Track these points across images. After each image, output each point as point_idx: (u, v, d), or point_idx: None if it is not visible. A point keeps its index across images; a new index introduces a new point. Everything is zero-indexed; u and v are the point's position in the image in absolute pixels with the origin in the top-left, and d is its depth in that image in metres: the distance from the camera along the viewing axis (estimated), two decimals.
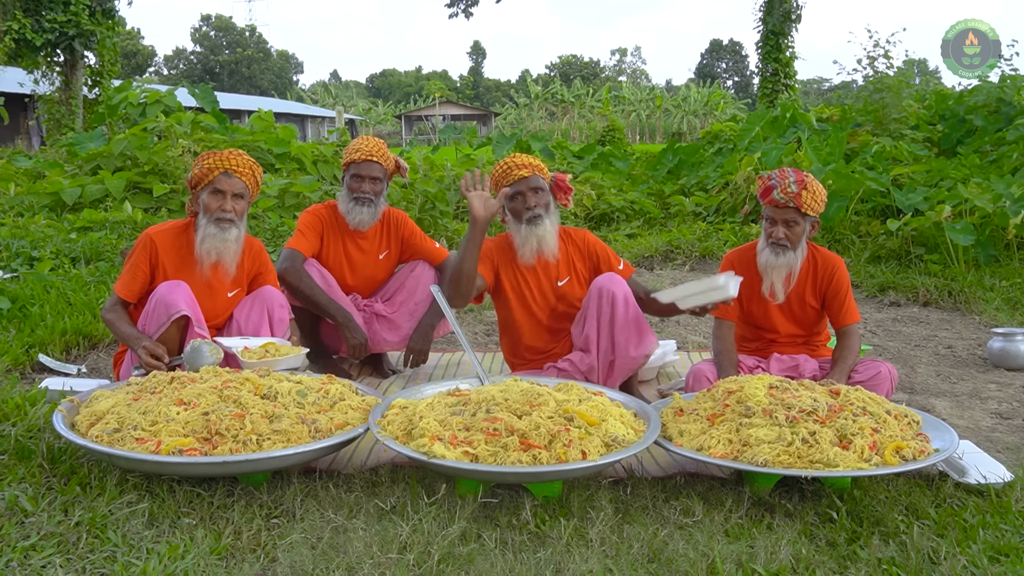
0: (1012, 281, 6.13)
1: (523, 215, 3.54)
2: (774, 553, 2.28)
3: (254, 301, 3.64)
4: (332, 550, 2.31)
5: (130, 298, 3.51)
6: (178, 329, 3.36)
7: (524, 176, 3.52)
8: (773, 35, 19.97)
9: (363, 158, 3.95)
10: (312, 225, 3.99)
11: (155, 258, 3.51)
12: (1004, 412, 3.72)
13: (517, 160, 3.57)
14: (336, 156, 11.21)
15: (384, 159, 4.00)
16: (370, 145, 3.99)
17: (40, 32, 16.34)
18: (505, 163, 3.58)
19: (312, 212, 4.05)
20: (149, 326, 3.37)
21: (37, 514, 2.42)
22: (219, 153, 3.51)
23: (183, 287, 3.40)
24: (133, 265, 3.51)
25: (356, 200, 3.96)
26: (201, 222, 3.51)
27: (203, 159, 3.51)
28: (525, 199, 3.53)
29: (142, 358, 3.29)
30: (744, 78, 79.56)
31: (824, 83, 74.06)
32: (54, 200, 8.98)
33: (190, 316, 3.35)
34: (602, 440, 2.60)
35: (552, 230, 3.56)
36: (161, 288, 3.37)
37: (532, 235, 3.53)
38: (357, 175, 3.96)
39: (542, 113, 47.64)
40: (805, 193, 3.31)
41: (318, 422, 2.75)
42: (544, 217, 3.54)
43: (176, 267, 3.52)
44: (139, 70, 66.66)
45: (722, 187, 10.05)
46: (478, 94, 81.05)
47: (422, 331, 4.06)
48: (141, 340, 3.33)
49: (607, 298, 3.40)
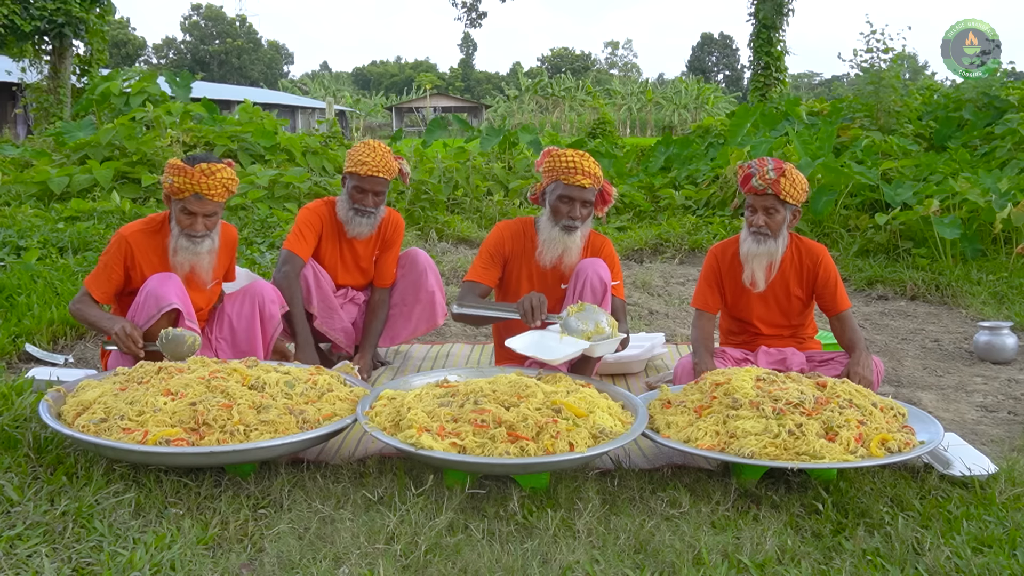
0: (999, 275, 6.17)
1: (561, 219, 3.46)
2: (760, 544, 2.29)
3: (246, 296, 3.63)
4: (319, 540, 2.31)
5: (102, 299, 3.44)
6: (168, 322, 3.34)
7: (583, 186, 3.41)
8: (765, 29, 19.97)
9: (369, 173, 3.84)
10: (312, 225, 3.95)
11: (130, 259, 3.44)
12: (989, 405, 3.75)
13: (584, 165, 3.40)
14: (326, 148, 11.17)
15: (389, 172, 3.90)
16: (377, 158, 3.85)
17: (28, 19, 16.18)
18: (571, 160, 3.41)
19: (313, 211, 4.00)
20: (139, 318, 3.33)
21: (23, 504, 2.41)
22: (191, 172, 3.33)
23: (174, 280, 3.36)
24: (106, 266, 3.43)
25: (357, 211, 3.91)
26: (174, 232, 3.44)
27: (175, 172, 3.35)
28: (572, 207, 3.44)
29: (118, 337, 3.23)
30: (735, 72, 79.60)
31: (815, 77, 74.22)
32: (41, 189, 8.93)
33: (181, 309, 3.33)
34: (590, 432, 2.61)
35: (580, 243, 3.50)
36: (152, 281, 3.34)
37: (560, 242, 3.47)
38: (360, 188, 3.88)
39: (532, 106, 47.58)
40: (783, 180, 3.33)
41: (306, 413, 2.75)
42: (579, 229, 3.48)
43: (153, 266, 3.47)
44: (129, 60, 66.16)
45: (712, 180, 10.06)
46: (469, 86, 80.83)
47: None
48: (116, 321, 3.28)
49: (581, 276, 3.42)
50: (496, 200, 9.83)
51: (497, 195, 10.11)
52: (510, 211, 9.61)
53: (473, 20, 26.10)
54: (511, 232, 3.63)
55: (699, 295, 3.62)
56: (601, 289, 3.40)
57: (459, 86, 79.49)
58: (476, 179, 10.45)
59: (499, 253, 3.60)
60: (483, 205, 9.76)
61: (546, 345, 3.12)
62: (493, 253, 3.60)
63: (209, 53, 76.47)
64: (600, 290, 3.40)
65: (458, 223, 8.75)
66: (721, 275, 3.59)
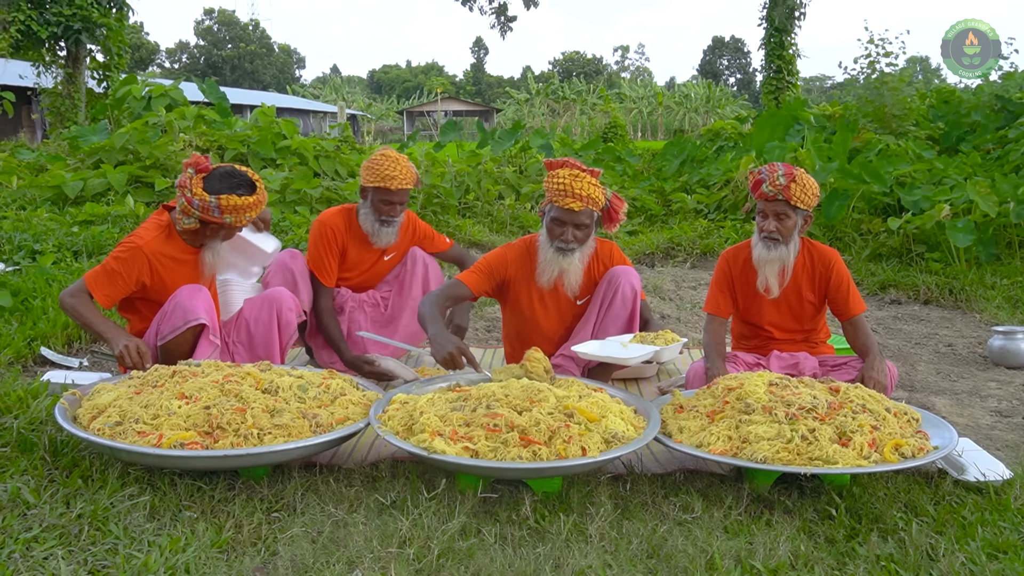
0: (1013, 279, 6.14)
1: (555, 240, 3.46)
2: (773, 549, 2.29)
3: (264, 302, 3.65)
4: (332, 544, 2.32)
5: (104, 303, 3.38)
6: (192, 335, 3.35)
7: (573, 209, 3.38)
8: (777, 32, 19.95)
9: (398, 187, 3.89)
10: (331, 248, 4.00)
11: (146, 272, 3.39)
12: (1004, 410, 3.73)
13: (576, 187, 3.36)
14: (337, 152, 11.20)
15: (414, 182, 3.97)
16: (402, 171, 3.90)
17: (45, 25, 16.31)
18: (563, 183, 3.37)
19: (330, 227, 4.01)
20: (164, 328, 3.34)
21: (39, 506, 2.43)
22: (251, 202, 3.39)
23: (204, 294, 3.36)
24: (116, 273, 3.35)
25: (383, 223, 3.97)
26: (213, 246, 3.48)
27: (235, 211, 3.36)
28: (564, 230, 3.44)
29: (125, 354, 3.18)
30: (746, 75, 79.42)
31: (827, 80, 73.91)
32: (56, 193, 8.99)
33: (207, 324, 3.34)
34: (602, 436, 2.61)
35: (579, 265, 3.49)
36: (182, 292, 3.34)
37: (556, 264, 3.47)
38: (388, 201, 3.93)
39: (543, 109, 47.58)
40: (794, 186, 3.32)
41: (319, 417, 2.76)
42: (576, 251, 3.47)
43: (170, 271, 3.45)
44: (143, 64, 66.58)
45: (723, 184, 10.04)
46: (480, 90, 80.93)
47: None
48: (122, 336, 3.24)
49: (612, 285, 3.46)
50: (508, 204, 9.83)
51: (509, 199, 10.12)
52: (521, 215, 9.62)
53: (503, 25, 26.15)
54: (515, 256, 3.63)
55: (711, 299, 3.61)
56: (631, 297, 3.45)
57: (470, 89, 79.60)
58: (488, 183, 10.47)
59: (497, 272, 3.61)
60: (495, 209, 9.77)
61: (615, 350, 3.27)
62: (491, 270, 3.60)
63: (222, 57, 76.85)
64: (631, 299, 3.45)
65: (469, 227, 8.76)
66: (733, 279, 3.59)
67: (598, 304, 3.49)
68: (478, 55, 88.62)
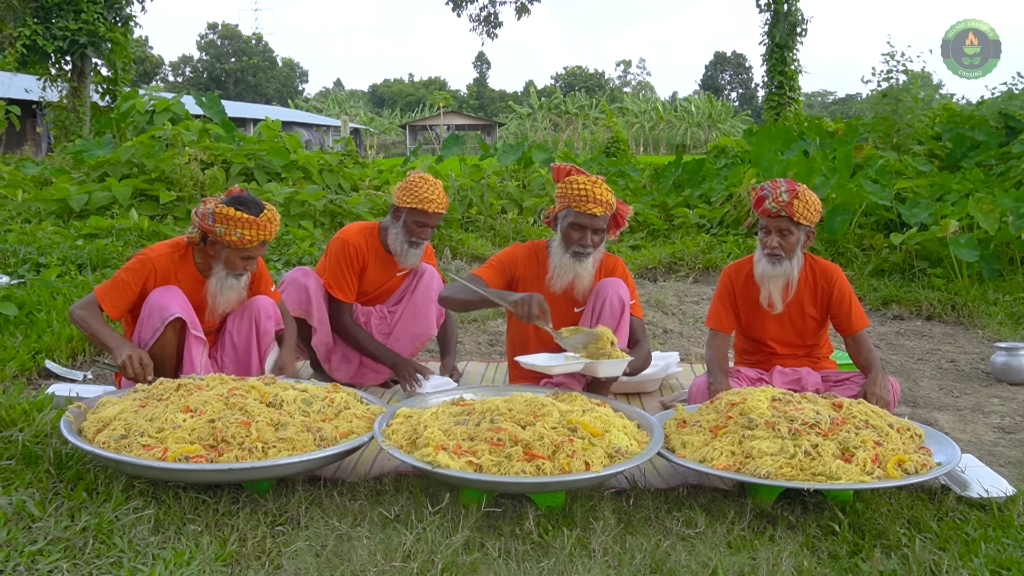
0: (1016, 296, 6.14)
1: (572, 245, 3.45)
2: (776, 565, 2.29)
3: (244, 311, 3.65)
4: (336, 558, 2.32)
5: (114, 315, 3.40)
6: (174, 333, 3.36)
7: (595, 214, 3.37)
8: (779, 48, 20.04)
9: (436, 210, 3.91)
10: (352, 266, 4.02)
11: (151, 282, 3.42)
12: (1007, 426, 3.73)
13: (597, 192, 3.35)
14: (341, 165, 11.25)
15: (446, 207, 4.03)
16: (440, 195, 3.93)
17: (51, 39, 16.40)
18: (583, 188, 3.36)
19: (353, 246, 4.02)
20: (144, 333, 3.35)
21: (44, 519, 2.44)
22: (260, 222, 3.38)
23: (175, 291, 3.38)
24: (124, 283, 3.39)
25: (412, 243, 3.99)
26: (219, 274, 3.47)
27: (243, 226, 3.35)
28: (584, 235, 3.42)
29: (128, 365, 3.19)
30: (748, 90, 79.68)
31: (828, 96, 74.13)
32: (61, 207, 9.03)
33: (184, 319, 3.35)
34: (605, 451, 2.61)
35: (591, 270, 3.49)
36: (153, 295, 3.36)
37: (571, 269, 3.45)
38: (423, 223, 3.95)
39: (546, 124, 47.74)
40: (796, 202, 3.34)
41: (323, 430, 2.77)
42: (591, 255, 3.47)
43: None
44: (147, 78, 66.91)
45: (726, 199, 10.07)
46: (482, 104, 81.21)
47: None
48: (125, 347, 3.25)
49: (601, 296, 3.45)
50: (510, 218, 9.87)
51: (511, 213, 10.15)
52: (524, 229, 9.65)
53: (489, 31, 26.26)
54: (524, 255, 3.64)
55: (713, 315, 3.62)
56: (619, 308, 3.42)
57: (472, 103, 79.89)
58: (490, 197, 10.50)
59: (508, 269, 3.61)
60: (497, 223, 9.80)
61: (550, 361, 3.26)
62: (503, 265, 3.60)
63: (225, 71, 77.20)
64: (618, 310, 3.42)
65: (472, 241, 8.78)
66: (735, 295, 3.60)
67: (589, 314, 3.49)
68: (481, 69, 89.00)
